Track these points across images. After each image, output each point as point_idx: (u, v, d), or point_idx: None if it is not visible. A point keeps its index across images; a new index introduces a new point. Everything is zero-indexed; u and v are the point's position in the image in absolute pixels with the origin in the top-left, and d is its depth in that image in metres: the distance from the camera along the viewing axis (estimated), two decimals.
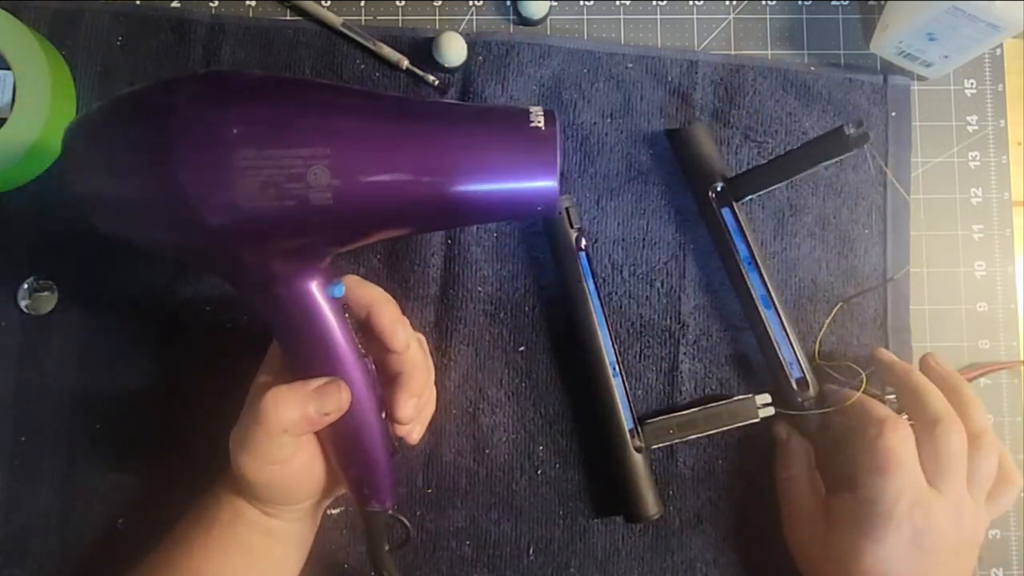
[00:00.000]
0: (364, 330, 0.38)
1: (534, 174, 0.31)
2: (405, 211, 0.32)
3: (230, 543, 0.39)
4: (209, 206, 0.29)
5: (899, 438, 0.39)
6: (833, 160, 0.42)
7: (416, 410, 0.39)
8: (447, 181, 0.31)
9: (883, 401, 0.43)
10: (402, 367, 0.39)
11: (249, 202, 0.29)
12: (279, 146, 0.29)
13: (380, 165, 0.30)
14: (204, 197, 0.29)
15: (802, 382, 0.44)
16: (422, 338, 0.42)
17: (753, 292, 0.45)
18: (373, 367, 0.38)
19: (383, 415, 0.38)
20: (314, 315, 0.35)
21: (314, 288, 0.35)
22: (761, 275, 0.45)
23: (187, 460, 0.45)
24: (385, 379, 0.39)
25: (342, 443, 0.38)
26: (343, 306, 0.36)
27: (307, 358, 0.36)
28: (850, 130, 0.41)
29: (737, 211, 0.45)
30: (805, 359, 0.45)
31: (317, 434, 0.38)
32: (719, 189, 0.45)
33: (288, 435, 0.35)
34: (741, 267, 0.45)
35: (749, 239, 0.45)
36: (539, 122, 0.31)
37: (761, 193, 0.46)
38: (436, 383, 0.43)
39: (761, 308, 0.45)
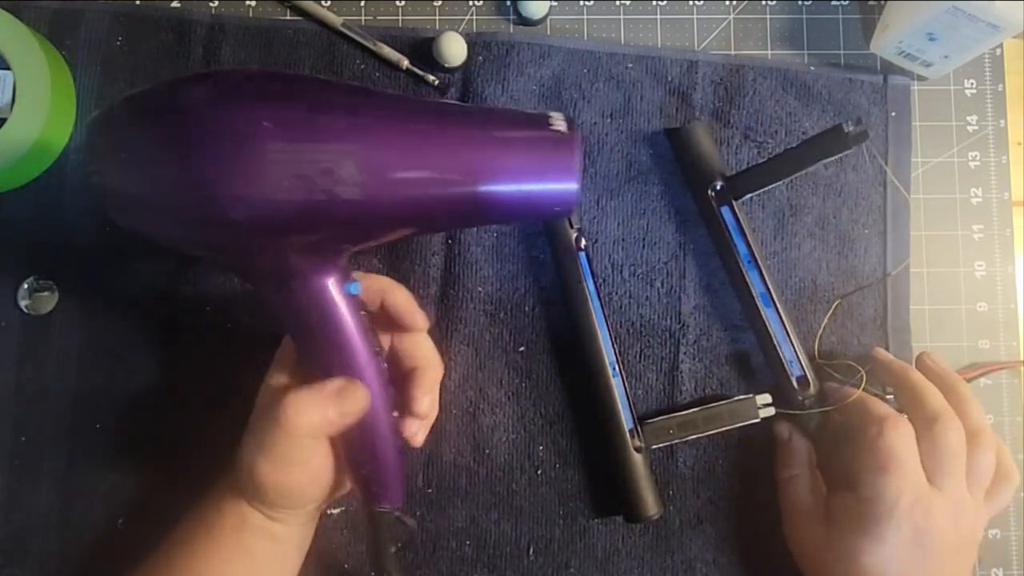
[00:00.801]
0: (377, 323, 0.38)
1: (556, 176, 0.32)
2: (429, 208, 0.32)
3: (233, 549, 0.38)
4: (236, 200, 0.29)
5: (900, 436, 0.39)
6: (832, 158, 0.42)
7: (430, 406, 0.40)
8: (470, 181, 0.31)
9: (883, 400, 0.43)
10: (416, 362, 0.39)
11: (278, 195, 0.29)
12: (310, 140, 0.29)
13: (407, 162, 0.31)
14: (231, 192, 0.29)
15: (803, 380, 0.44)
16: (434, 346, 0.42)
17: (753, 291, 0.45)
18: (385, 366, 0.38)
19: (395, 414, 0.38)
20: (331, 313, 0.35)
21: (331, 286, 0.35)
22: (761, 274, 0.45)
23: (187, 460, 0.45)
24: (397, 377, 0.39)
25: (356, 442, 0.38)
26: (359, 304, 0.36)
27: (324, 358, 0.36)
28: (849, 128, 0.41)
29: (737, 210, 0.45)
30: (805, 357, 0.45)
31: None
32: (718, 188, 0.46)
33: (308, 438, 0.35)
34: (741, 266, 0.45)
35: (749, 238, 0.45)
36: (560, 126, 0.32)
37: (761, 191, 0.46)
38: None
39: (761, 307, 0.45)
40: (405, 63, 0.48)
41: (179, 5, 0.49)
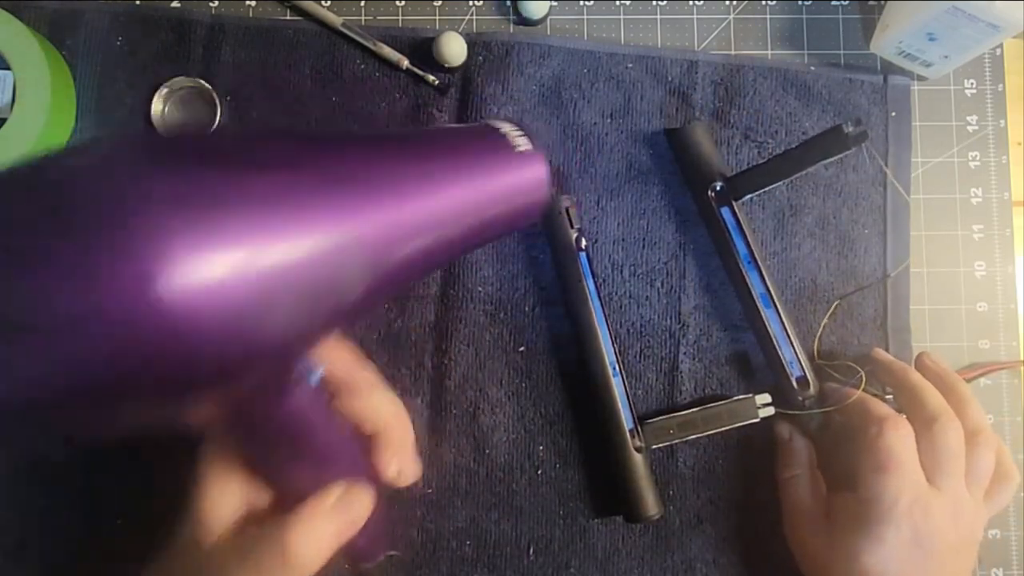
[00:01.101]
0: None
1: (529, 193, 0.31)
2: (420, 268, 0.29)
3: None
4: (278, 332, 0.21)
5: (899, 437, 0.39)
6: (832, 158, 0.42)
7: (402, 470, 0.35)
8: (462, 226, 0.28)
9: (884, 400, 0.43)
10: (377, 427, 0.35)
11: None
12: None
13: (409, 239, 0.26)
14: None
15: (802, 381, 0.44)
16: (393, 396, 0.37)
17: (753, 291, 0.45)
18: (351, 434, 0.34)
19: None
20: (311, 416, 0.29)
21: (302, 386, 0.28)
22: (761, 274, 0.45)
23: (187, 460, 0.45)
24: (363, 442, 0.35)
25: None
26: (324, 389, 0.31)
27: (306, 463, 0.31)
28: (849, 128, 0.40)
29: (736, 210, 0.45)
30: (805, 358, 0.45)
31: None
32: (718, 188, 0.46)
33: (320, 563, 0.30)
34: (741, 266, 0.45)
35: (748, 238, 0.45)
36: (524, 145, 0.31)
37: (760, 192, 0.46)
38: (436, 383, 0.43)
39: (761, 307, 0.45)
40: (405, 63, 0.48)
41: (179, 5, 0.49)
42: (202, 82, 0.47)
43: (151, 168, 0.19)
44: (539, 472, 0.46)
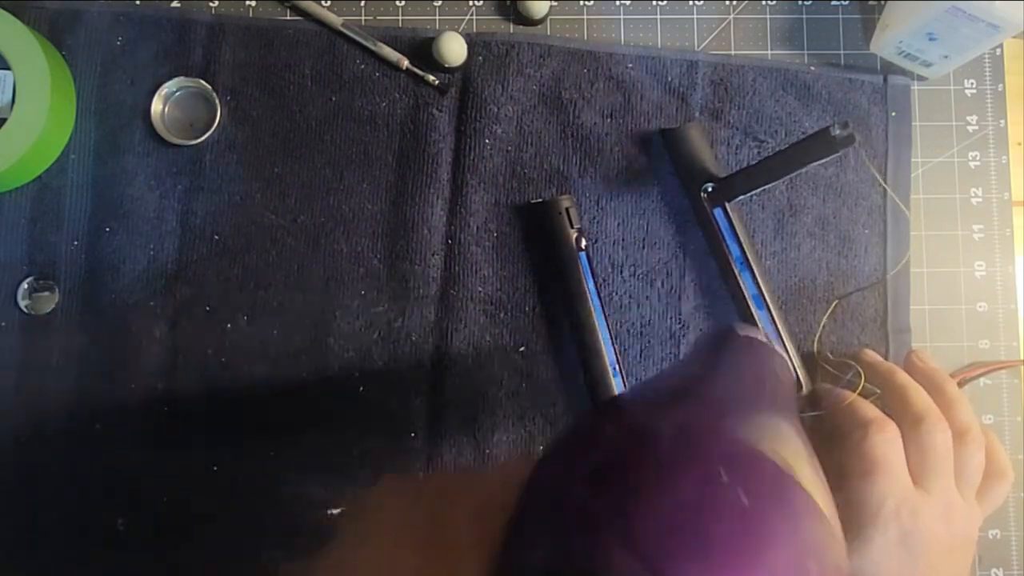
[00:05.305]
0: None
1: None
2: None
3: None
4: None
5: (884, 440, 0.39)
6: (820, 161, 0.42)
7: None
8: None
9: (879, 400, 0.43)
10: None
11: None
12: None
13: None
14: None
15: (795, 382, 0.44)
16: None
17: (745, 292, 0.45)
18: None
19: None
20: None
21: None
22: (753, 275, 0.45)
23: (187, 460, 0.45)
24: None
25: None
26: None
27: None
28: (836, 131, 0.40)
29: (729, 211, 0.45)
30: (799, 359, 0.45)
31: None
32: (710, 189, 0.45)
33: None
34: (733, 267, 0.45)
35: (741, 239, 0.45)
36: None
37: (751, 194, 0.45)
38: (436, 383, 0.43)
39: (754, 308, 0.45)
40: (405, 63, 0.48)
41: (179, 5, 0.49)
42: (202, 82, 0.47)
43: None
44: None
